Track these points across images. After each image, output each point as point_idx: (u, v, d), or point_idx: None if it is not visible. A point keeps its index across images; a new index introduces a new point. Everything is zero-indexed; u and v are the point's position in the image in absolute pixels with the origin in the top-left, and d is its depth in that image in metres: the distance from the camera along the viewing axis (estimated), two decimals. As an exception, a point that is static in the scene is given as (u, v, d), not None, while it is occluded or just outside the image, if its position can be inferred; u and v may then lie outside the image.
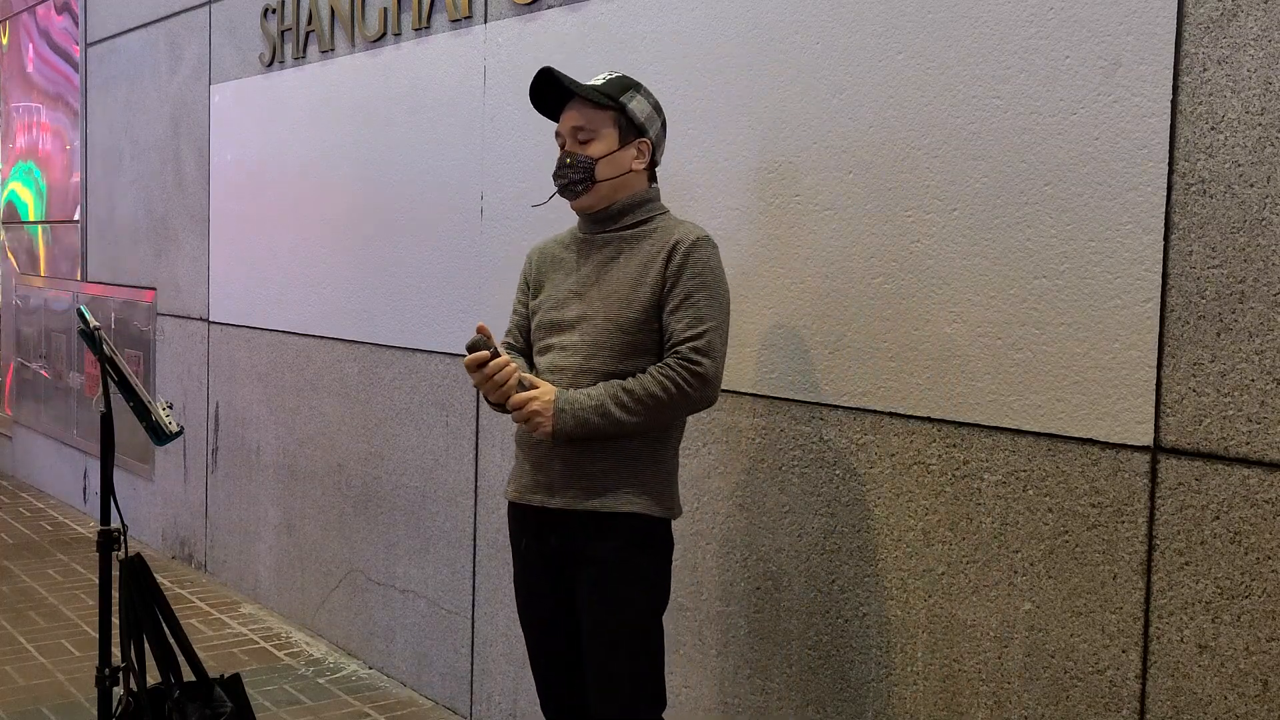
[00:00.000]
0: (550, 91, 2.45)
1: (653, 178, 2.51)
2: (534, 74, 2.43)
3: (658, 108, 2.49)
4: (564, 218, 2.65)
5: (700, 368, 2.29)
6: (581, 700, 2.46)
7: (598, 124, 2.41)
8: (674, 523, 2.68)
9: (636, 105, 2.43)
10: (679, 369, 2.29)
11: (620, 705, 2.35)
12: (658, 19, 3.08)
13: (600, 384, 2.32)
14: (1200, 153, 2.06)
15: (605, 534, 2.35)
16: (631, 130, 2.43)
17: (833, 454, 2.65)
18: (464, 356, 2.37)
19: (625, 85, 2.44)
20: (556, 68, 2.45)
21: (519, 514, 2.48)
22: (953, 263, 2.41)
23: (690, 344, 2.30)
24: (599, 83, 2.44)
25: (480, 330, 2.33)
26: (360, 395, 4.27)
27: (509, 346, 2.58)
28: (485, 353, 2.31)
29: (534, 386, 2.33)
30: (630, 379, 2.31)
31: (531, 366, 2.49)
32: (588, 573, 2.37)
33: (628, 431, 2.31)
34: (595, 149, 2.41)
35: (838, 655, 2.65)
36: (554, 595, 2.44)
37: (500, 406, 2.38)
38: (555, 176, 2.45)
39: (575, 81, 2.42)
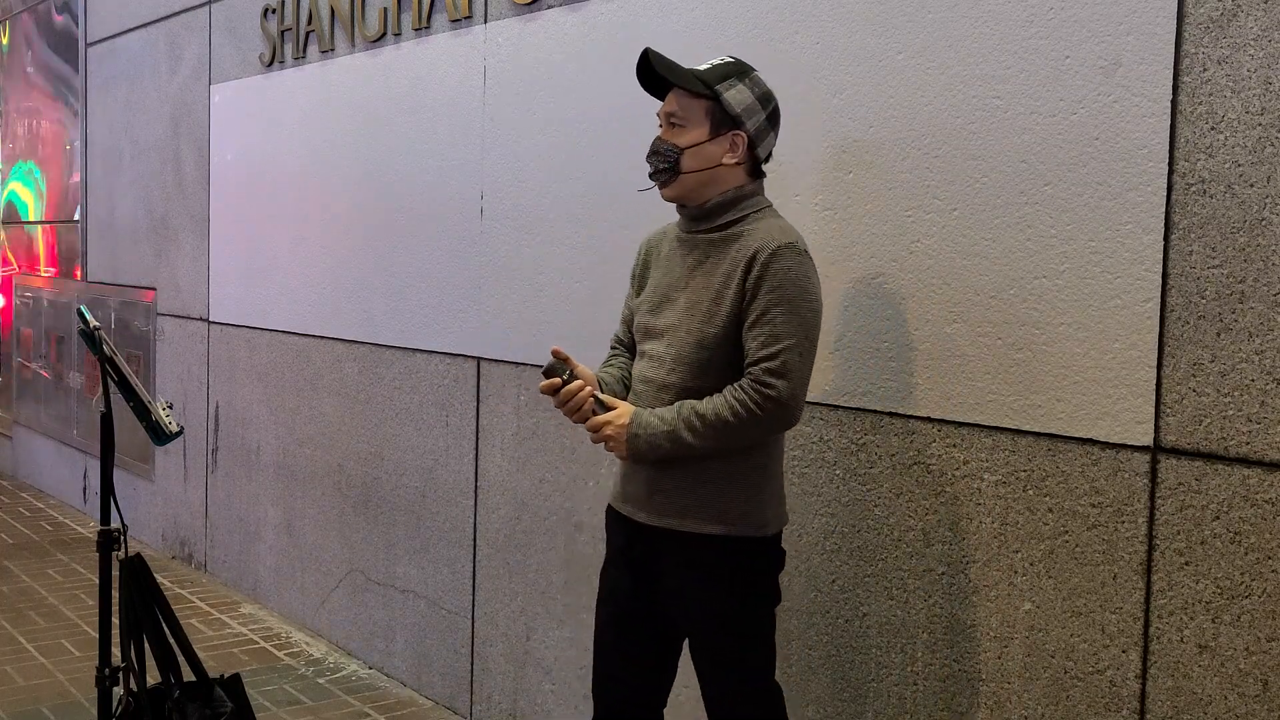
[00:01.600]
0: (653, 72, 2.31)
1: (757, 173, 2.35)
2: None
3: (764, 98, 2.30)
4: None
5: (773, 390, 2.16)
6: (636, 699, 2.44)
7: (690, 112, 2.28)
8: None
9: (734, 95, 2.27)
10: (750, 392, 2.18)
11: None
12: (658, 19, 3.08)
13: (675, 405, 2.24)
14: (1200, 153, 2.06)
15: (687, 555, 2.30)
16: (726, 121, 2.27)
17: (833, 454, 2.65)
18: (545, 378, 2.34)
19: (728, 72, 2.29)
20: (656, 50, 2.33)
21: (612, 516, 2.46)
22: (953, 263, 2.41)
23: (764, 364, 2.18)
24: (705, 67, 2.31)
25: (555, 354, 2.30)
26: (360, 395, 4.27)
27: (618, 341, 2.54)
28: (558, 379, 2.29)
29: (611, 407, 2.29)
30: (704, 400, 2.22)
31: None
32: (675, 591, 2.33)
33: (701, 454, 2.24)
34: (684, 138, 2.28)
35: (838, 655, 2.65)
36: (632, 596, 2.40)
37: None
38: (648, 159, 2.34)
39: (672, 66, 2.30)
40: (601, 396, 2.32)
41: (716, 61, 2.33)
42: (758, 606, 2.33)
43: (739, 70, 2.31)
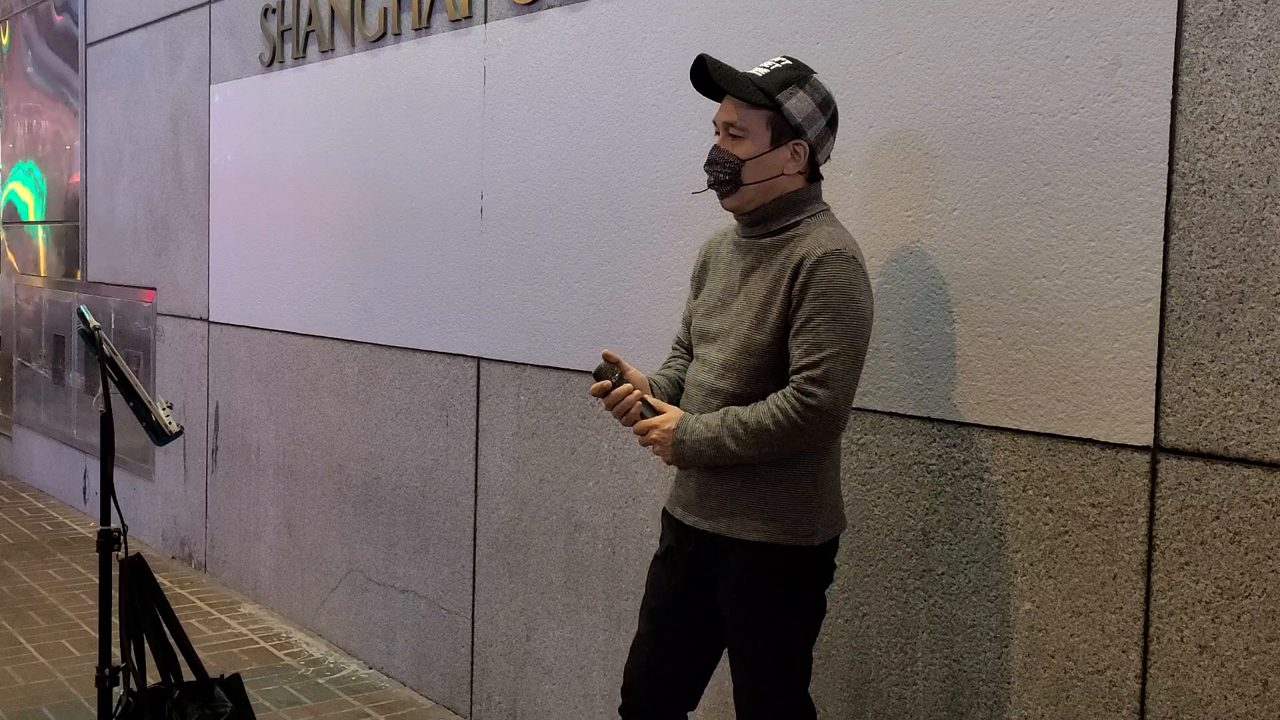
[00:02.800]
0: (707, 76, 2.26)
1: (815, 176, 2.30)
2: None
3: (824, 103, 2.25)
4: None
5: (814, 400, 2.13)
6: (663, 696, 2.44)
7: (750, 122, 2.23)
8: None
9: (795, 104, 2.22)
10: (792, 400, 2.15)
11: None
12: (658, 19, 3.08)
13: (721, 411, 2.22)
14: (1200, 153, 2.06)
15: (731, 559, 2.28)
16: (787, 131, 2.23)
17: (833, 454, 2.65)
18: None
19: (788, 79, 2.23)
20: (712, 56, 2.28)
21: (666, 517, 2.45)
22: (953, 263, 2.41)
23: (806, 373, 2.14)
24: (763, 73, 2.25)
25: (606, 357, 2.29)
26: (360, 395, 4.27)
27: (678, 342, 2.54)
28: (607, 381, 2.30)
29: (660, 411, 2.28)
30: (749, 408, 2.20)
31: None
32: (722, 595, 2.32)
33: (744, 462, 2.21)
34: (744, 149, 2.24)
35: (838, 655, 2.65)
36: (677, 595, 2.39)
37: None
38: (706, 168, 2.30)
39: (730, 74, 2.25)
40: (650, 400, 2.31)
41: (774, 64, 2.27)
42: (798, 617, 2.30)
43: (799, 76, 2.25)
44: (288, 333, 4.71)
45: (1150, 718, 2.15)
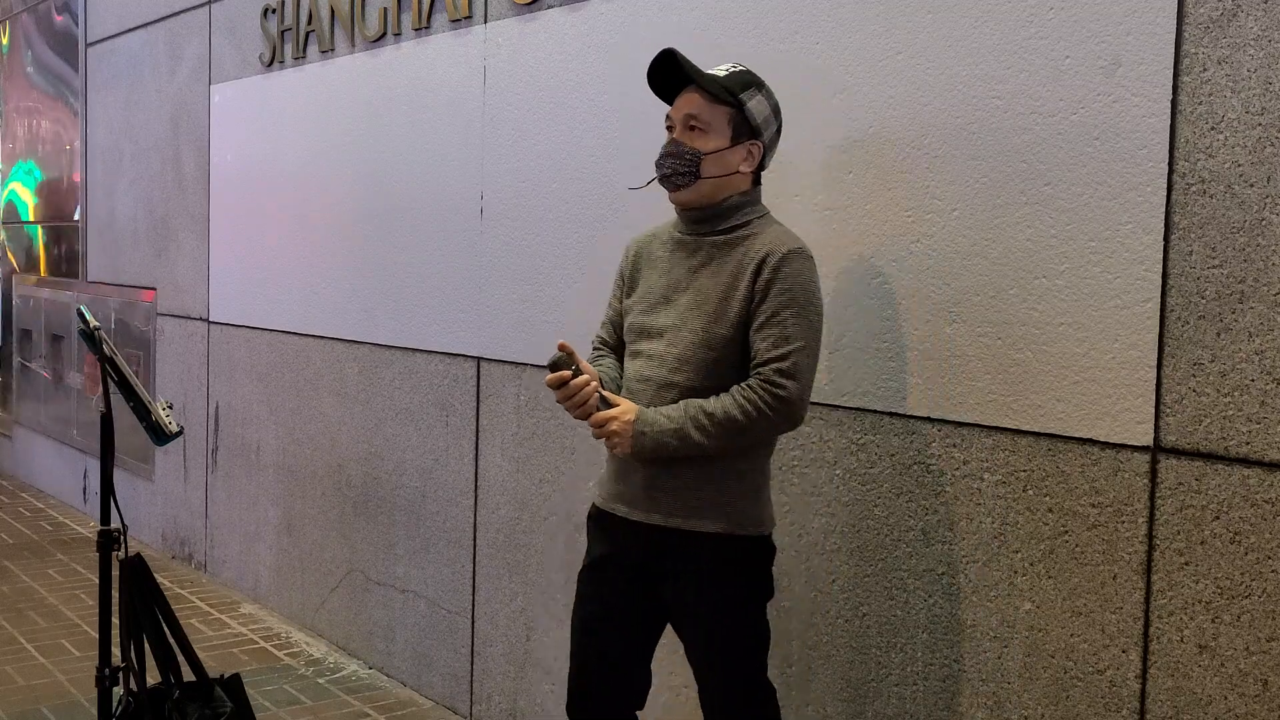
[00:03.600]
0: (667, 72, 2.33)
1: (757, 180, 2.38)
2: (651, 59, 2.28)
3: (777, 110, 2.35)
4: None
5: (783, 391, 2.19)
6: (615, 701, 2.45)
7: (713, 117, 2.29)
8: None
9: (756, 105, 2.30)
10: (761, 392, 2.19)
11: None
12: (658, 19, 3.08)
13: (681, 403, 2.24)
14: (1200, 153, 2.06)
15: (687, 553, 2.29)
16: (745, 130, 2.30)
17: (833, 454, 2.65)
18: (546, 372, 2.32)
19: (748, 82, 2.32)
20: (679, 50, 2.33)
21: (601, 519, 2.43)
22: (953, 263, 2.41)
23: (774, 365, 2.19)
24: (721, 74, 2.32)
25: (562, 348, 2.28)
26: (360, 395, 4.27)
27: (601, 342, 2.54)
28: (566, 372, 2.28)
29: (615, 404, 2.28)
30: (712, 399, 2.23)
31: (623, 365, 2.46)
32: (673, 591, 2.33)
33: (707, 453, 2.24)
34: (705, 143, 2.29)
35: (838, 655, 2.65)
36: (623, 598, 2.39)
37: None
38: (658, 163, 2.34)
39: (699, 69, 2.31)
40: (605, 393, 2.31)
41: (730, 69, 2.34)
42: (757, 606, 2.36)
43: (756, 81, 2.34)
44: (288, 333, 4.71)
45: (1150, 718, 2.15)
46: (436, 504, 3.92)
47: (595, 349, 2.56)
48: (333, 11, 4.33)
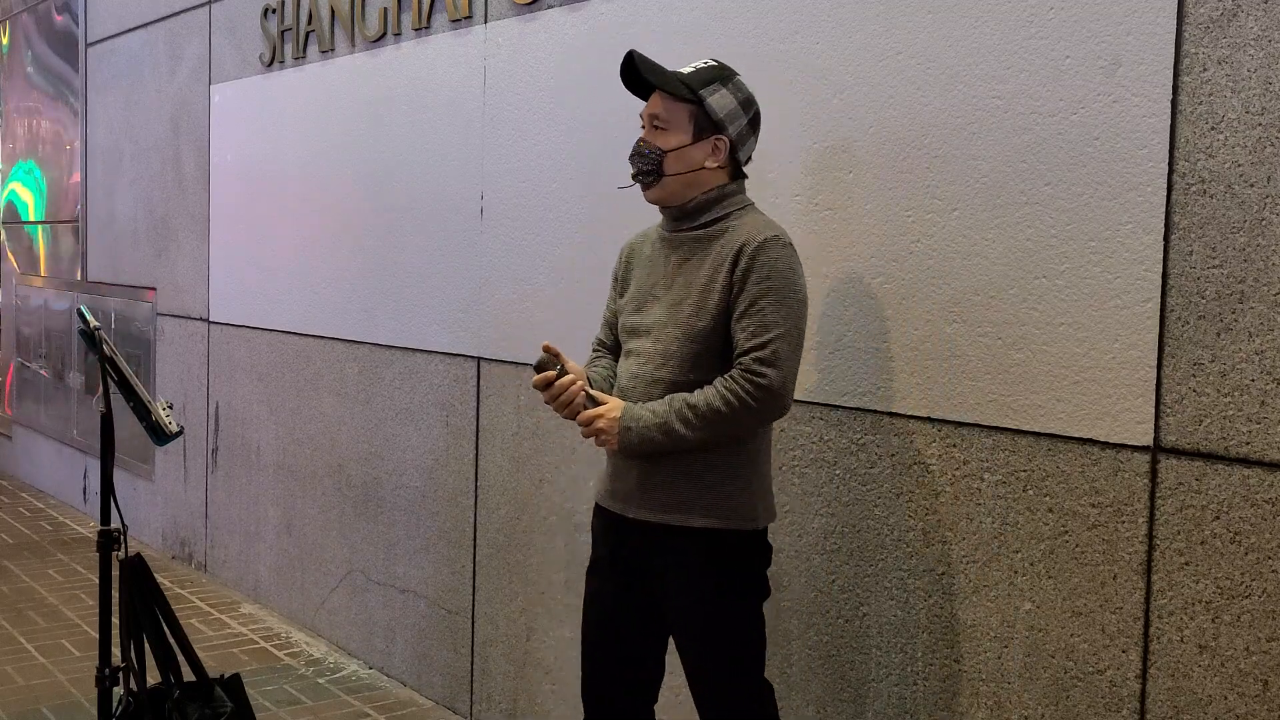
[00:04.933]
0: (637, 74, 2.34)
1: (737, 174, 2.37)
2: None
3: (747, 103, 2.34)
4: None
5: (764, 379, 2.18)
6: (627, 701, 2.46)
7: (673, 115, 2.30)
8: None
9: (717, 100, 2.30)
10: (742, 381, 2.20)
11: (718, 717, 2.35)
12: (658, 19, 3.08)
13: (666, 398, 2.26)
14: (1200, 153, 2.06)
15: (680, 549, 2.30)
16: (709, 126, 2.30)
17: (833, 454, 2.65)
18: (533, 372, 2.34)
19: (711, 77, 2.31)
20: (641, 52, 2.35)
21: (601, 515, 2.46)
22: (953, 263, 2.41)
23: (754, 354, 2.20)
24: (689, 71, 2.33)
25: (546, 349, 2.31)
26: (360, 395, 4.27)
27: (600, 344, 2.56)
28: (551, 373, 2.31)
29: (601, 402, 2.30)
30: (696, 392, 2.24)
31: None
32: (666, 587, 2.34)
33: (694, 446, 2.24)
34: (666, 141, 2.31)
35: (838, 655, 2.65)
36: (621, 597, 2.41)
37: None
38: (630, 160, 2.37)
39: (656, 69, 2.33)
40: (592, 391, 2.33)
41: (700, 65, 2.36)
42: (747, 601, 2.35)
43: (722, 75, 2.33)
44: (288, 333, 4.71)
45: (1150, 718, 2.15)
46: (436, 504, 3.92)
47: (594, 350, 2.57)
48: (333, 11, 4.33)
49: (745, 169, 2.40)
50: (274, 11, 4.69)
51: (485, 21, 3.65)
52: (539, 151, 3.46)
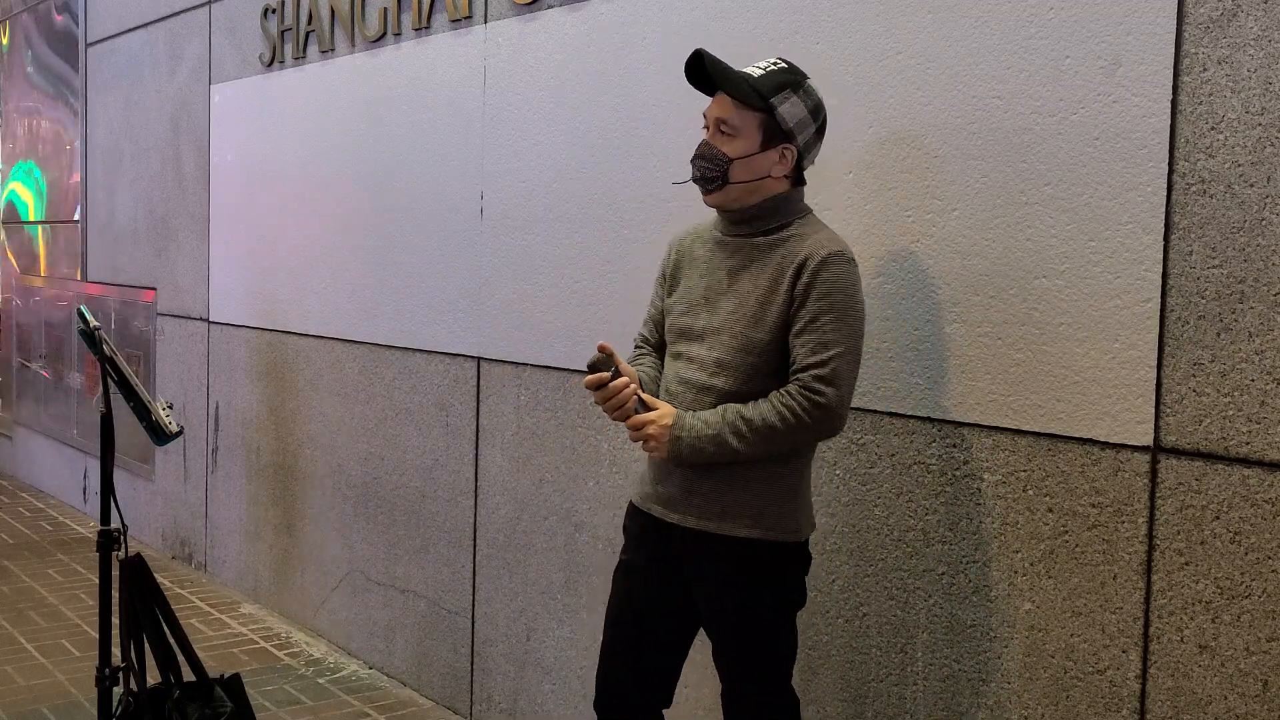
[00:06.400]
0: (702, 70, 2.27)
1: (799, 180, 2.32)
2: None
3: (816, 110, 2.27)
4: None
5: (822, 398, 2.14)
6: (645, 698, 2.44)
7: (741, 122, 2.23)
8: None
9: (788, 109, 2.23)
10: (800, 398, 2.16)
11: None
12: (658, 19, 3.08)
13: (720, 408, 2.22)
14: (1200, 153, 2.06)
15: (718, 556, 2.28)
16: (778, 135, 2.24)
17: (833, 454, 2.65)
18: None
19: (783, 83, 2.24)
20: (708, 51, 2.28)
21: (638, 517, 2.43)
22: (953, 263, 2.41)
23: (813, 371, 2.15)
24: (758, 73, 2.26)
25: (602, 349, 2.25)
26: (360, 395, 4.27)
27: (644, 340, 2.51)
28: (605, 374, 2.25)
29: (653, 407, 2.26)
30: (750, 405, 2.20)
31: (664, 364, 2.43)
32: (704, 593, 2.33)
33: (744, 460, 2.21)
34: (733, 148, 2.24)
35: (837, 655, 2.65)
36: (658, 596, 2.39)
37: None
38: (692, 162, 2.30)
39: (726, 72, 2.25)
40: (644, 395, 2.29)
41: (770, 66, 2.28)
42: (786, 613, 2.33)
43: (794, 81, 2.26)
44: (288, 333, 4.71)
45: (1150, 718, 2.15)
46: (436, 504, 3.92)
47: (637, 347, 2.53)
48: (333, 11, 4.33)
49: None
50: (274, 11, 4.69)
51: (485, 21, 3.65)
52: (539, 151, 3.46)
